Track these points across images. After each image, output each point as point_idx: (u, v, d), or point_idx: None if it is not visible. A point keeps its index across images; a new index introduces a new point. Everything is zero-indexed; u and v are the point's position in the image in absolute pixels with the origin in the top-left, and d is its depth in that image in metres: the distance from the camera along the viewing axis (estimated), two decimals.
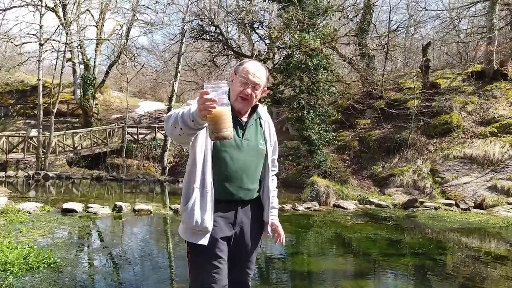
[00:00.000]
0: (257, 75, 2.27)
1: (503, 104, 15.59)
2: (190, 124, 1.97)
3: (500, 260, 6.09)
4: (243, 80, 2.25)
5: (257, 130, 2.38)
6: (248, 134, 2.32)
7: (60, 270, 4.53)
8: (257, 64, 2.33)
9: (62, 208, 8.09)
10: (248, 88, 2.25)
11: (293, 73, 14.43)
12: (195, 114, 1.93)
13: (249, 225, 2.36)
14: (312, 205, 10.16)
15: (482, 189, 11.76)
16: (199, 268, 2.22)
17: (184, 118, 1.97)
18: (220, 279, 2.20)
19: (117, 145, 21.00)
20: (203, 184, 2.19)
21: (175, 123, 2.01)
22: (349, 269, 5.50)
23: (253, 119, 2.37)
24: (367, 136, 16.64)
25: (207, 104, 1.84)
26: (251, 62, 2.33)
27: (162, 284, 4.42)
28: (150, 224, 7.98)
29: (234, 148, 2.25)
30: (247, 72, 2.26)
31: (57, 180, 15.58)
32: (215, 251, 2.21)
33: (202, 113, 1.89)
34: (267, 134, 2.42)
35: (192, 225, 2.18)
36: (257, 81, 2.26)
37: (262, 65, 2.36)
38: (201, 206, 2.18)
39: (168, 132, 2.14)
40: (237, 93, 2.26)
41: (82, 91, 24.44)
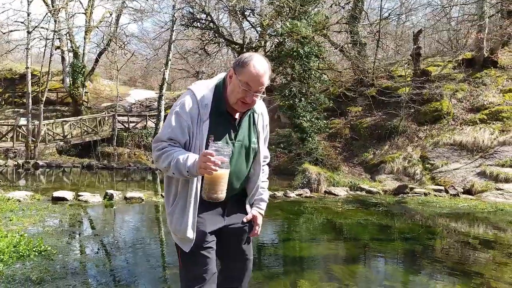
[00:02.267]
0: (262, 80, 2.03)
1: (492, 91, 15.70)
2: (184, 173, 1.97)
3: (488, 245, 6.18)
4: (246, 87, 2.02)
5: (249, 127, 2.24)
6: (240, 134, 2.19)
7: (51, 257, 4.52)
8: (261, 65, 2.04)
9: (53, 196, 8.04)
10: (250, 95, 2.04)
11: (284, 61, 14.41)
12: (191, 169, 1.92)
13: (239, 213, 2.32)
14: (303, 192, 10.22)
15: (471, 175, 11.90)
16: (188, 260, 2.19)
17: (179, 167, 1.95)
18: (209, 268, 2.18)
19: (107, 133, 20.86)
20: (187, 192, 2.10)
21: (168, 167, 2.00)
22: (340, 254, 5.55)
23: (246, 116, 2.21)
24: (358, 124, 16.71)
25: (209, 166, 1.84)
26: (255, 62, 2.03)
27: (154, 271, 4.43)
28: (142, 212, 7.97)
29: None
30: (251, 80, 2.01)
31: (47, 169, 15.46)
32: (203, 243, 2.17)
33: (201, 171, 1.90)
34: (260, 127, 2.28)
35: (174, 232, 2.16)
36: (261, 89, 2.06)
37: (266, 63, 2.08)
38: (184, 214, 2.10)
39: (158, 166, 2.11)
40: (237, 97, 2.06)
41: (71, 79, 24.16)
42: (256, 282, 4.02)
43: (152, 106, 26.10)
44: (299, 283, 4.11)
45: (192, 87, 2.15)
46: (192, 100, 2.07)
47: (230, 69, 2.10)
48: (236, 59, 2.12)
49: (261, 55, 2.10)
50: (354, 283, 4.25)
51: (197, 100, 2.07)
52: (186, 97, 2.10)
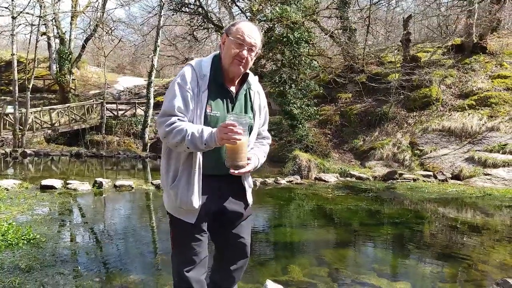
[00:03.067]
0: (253, 35, 2.13)
1: (481, 77, 15.79)
2: (201, 147, 1.98)
3: (476, 229, 6.27)
4: (239, 42, 2.11)
5: (246, 103, 2.27)
6: (237, 107, 2.22)
7: (40, 246, 4.48)
8: (251, 24, 2.18)
9: (41, 184, 7.96)
10: (244, 50, 2.11)
11: (274, 47, 14.30)
12: (209, 141, 1.94)
13: (237, 197, 2.31)
14: (294, 179, 10.25)
15: (460, 160, 12.02)
16: (181, 241, 2.21)
17: (195, 141, 1.96)
18: (200, 251, 2.21)
19: (96, 121, 20.65)
20: (191, 163, 2.12)
21: (181, 142, 1.99)
22: (330, 239, 5.59)
23: (243, 90, 2.25)
24: (348, 110, 16.73)
25: (232, 136, 1.88)
26: (245, 22, 2.19)
27: (145, 257, 4.42)
28: (132, 199, 7.93)
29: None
30: (243, 32, 2.11)
31: (35, 157, 15.29)
32: (197, 225, 2.18)
33: (223, 142, 1.92)
34: (256, 106, 2.30)
35: (180, 205, 2.14)
36: (253, 42, 2.13)
37: (256, 25, 2.22)
38: (189, 186, 2.11)
39: (169, 143, 2.08)
40: (232, 56, 2.12)
41: (58, 66, 23.78)
42: (247, 268, 4.02)
43: (141, 94, 25.89)
44: (290, 268, 4.13)
45: (191, 61, 2.22)
46: (192, 71, 2.13)
47: (222, 36, 2.19)
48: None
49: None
50: (344, 267, 4.29)
51: (196, 71, 2.13)
52: (186, 69, 2.15)
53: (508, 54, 16.96)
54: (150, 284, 3.64)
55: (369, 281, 3.84)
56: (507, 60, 16.47)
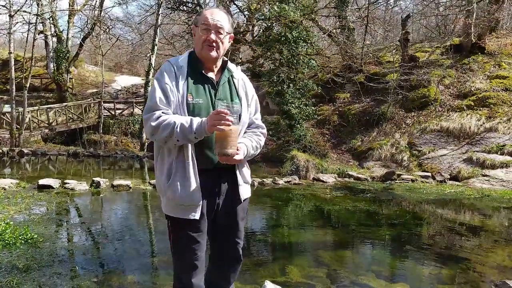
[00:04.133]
0: (217, 18, 2.15)
1: (480, 77, 15.81)
2: (191, 137, 1.98)
3: (474, 230, 6.27)
4: (204, 27, 2.15)
5: (231, 89, 2.26)
6: (221, 93, 2.20)
7: (38, 245, 4.45)
8: (215, 9, 2.24)
9: (38, 184, 7.93)
10: (212, 33, 2.14)
11: (272, 46, 14.29)
12: (199, 129, 1.95)
13: (230, 193, 2.26)
14: (292, 179, 10.23)
15: (458, 161, 12.03)
16: (181, 245, 2.19)
17: (184, 132, 1.97)
18: (201, 255, 2.21)
19: (93, 120, 20.58)
20: (183, 155, 2.08)
21: (169, 135, 1.99)
22: (328, 240, 5.58)
23: (224, 77, 2.25)
24: (346, 110, 16.72)
25: (222, 122, 1.90)
26: (209, 8, 2.25)
27: (142, 258, 4.40)
28: (130, 199, 7.91)
29: (209, 110, 2.11)
30: (206, 18, 2.15)
31: (32, 157, 15.24)
32: (195, 226, 2.16)
33: (213, 129, 1.92)
34: (241, 93, 2.28)
35: (180, 201, 2.10)
36: (219, 24, 2.15)
37: (222, 9, 2.27)
38: (186, 180, 2.07)
39: (157, 139, 2.07)
40: (201, 42, 2.16)
41: (55, 65, 23.67)
42: (245, 269, 4.01)
43: (138, 93, 25.79)
44: (288, 269, 4.12)
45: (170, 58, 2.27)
46: (168, 65, 2.17)
47: (192, 29, 2.26)
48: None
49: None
50: (342, 268, 4.28)
51: (172, 64, 2.18)
52: (163, 65, 2.21)
53: (507, 54, 16.98)
54: (148, 285, 3.62)
55: (367, 283, 3.84)
56: (505, 61, 16.49)
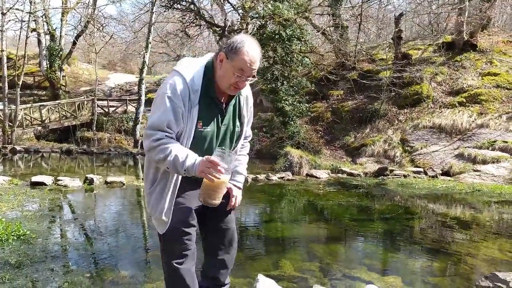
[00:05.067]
0: (255, 65, 2.01)
1: (471, 74, 15.93)
2: (181, 172, 1.96)
3: (466, 225, 6.34)
4: (240, 73, 1.99)
5: (234, 111, 2.21)
6: (226, 118, 2.17)
7: (30, 242, 4.45)
8: (254, 50, 2.00)
9: (31, 181, 7.90)
10: (244, 80, 2.02)
11: (266, 44, 14.30)
12: (190, 169, 1.91)
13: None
14: (285, 175, 10.27)
15: (450, 157, 12.13)
16: (169, 237, 2.19)
17: (176, 165, 1.93)
18: (190, 244, 2.21)
19: (87, 118, 20.51)
20: (168, 177, 2.12)
21: (162, 160, 1.97)
22: (321, 234, 5.61)
23: (232, 100, 2.19)
24: (340, 107, 16.79)
25: (212, 173, 1.86)
26: (248, 48, 1.99)
27: (136, 253, 4.40)
28: (123, 196, 7.90)
29: (212, 137, 2.13)
30: (245, 63, 1.98)
31: (25, 154, 15.17)
32: (187, 219, 2.18)
33: (202, 175, 1.90)
34: (244, 111, 2.25)
35: (150, 212, 2.18)
36: (254, 72, 2.04)
37: (258, 46, 2.05)
38: (160, 199, 2.12)
39: (151, 158, 2.06)
40: (230, 83, 2.02)
41: (48, 62, 23.54)
42: (239, 263, 4.03)
43: (132, 90, 25.73)
44: (281, 263, 4.14)
45: (180, 69, 2.07)
46: (183, 84, 2.01)
47: (220, 53, 2.03)
48: (227, 42, 2.04)
49: (252, 38, 2.05)
50: (335, 262, 4.31)
51: (188, 84, 2.01)
52: (177, 80, 2.02)
53: (498, 52, 17.13)
54: (141, 280, 3.63)
55: (359, 275, 3.87)
56: (497, 58, 16.63)
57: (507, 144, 11.70)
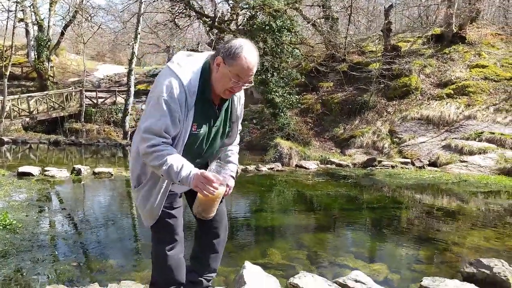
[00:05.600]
0: (253, 71, 1.98)
1: (460, 66, 16.05)
2: (175, 181, 1.94)
3: (452, 214, 6.43)
4: (236, 79, 1.95)
5: (227, 111, 2.18)
6: (219, 120, 2.14)
7: (17, 231, 4.42)
8: (252, 56, 1.96)
9: (18, 171, 7.82)
10: (241, 85, 1.99)
11: (256, 35, 14.26)
12: (184, 180, 1.89)
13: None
14: (275, 166, 10.30)
15: (437, 148, 12.26)
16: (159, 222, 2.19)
17: (171, 174, 1.91)
18: (178, 228, 2.22)
19: (75, 109, 20.31)
20: (158, 179, 2.11)
21: (158, 168, 1.94)
22: (310, 224, 5.66)
23: (226, 101, 2.15)
24: (329, 99, 16.82)
25: (207, 188, 1.84)
26: (246, 53, 1.94)
27: (125, 243, 4.41)
28: (111, 186, 7.87)
29: (204, 138, 2.12)
30: (243, 70, 1.94)
31: (13, 145, 15.00)
32: (173, 204, 2.20)
33: (196, 189, 1.89)
34: (236, 111, 2.24)
35: (139, 208, 2.19)
36: (251, 79, 2.00)
37: (256, 51, 2.00)
38: (149, 198, 2.13)
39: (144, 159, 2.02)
40: (226, 87, 1.99)
41: (36, 53, 23.20)
42: (227, 252, 4.04)
43: (121, 82, 25.49)
44: (269, 251, 4.17)
45: (177, 69, 2.00)
46: (180, 88, 1.95)
47: (217, 57, 1.97)
48: (224, 46, 1.98)
49: (251, 44, 2.00)
50: (323, 250, 4.36)
51: (184, 87, 1.96)
52: (173, 82, 1.95)
53: (487, 44, 17.26)
54: (129, 269, 3.63)
55: (346, 263, 3.91)
56: (485, 50, 16.76)
57: (494, 135, 11.85)
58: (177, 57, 2.09)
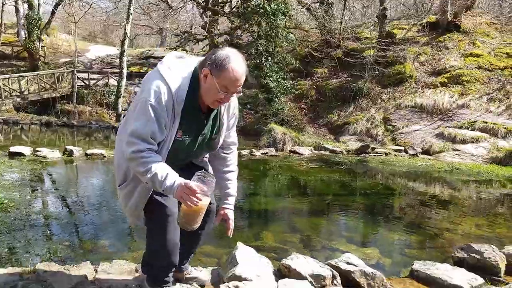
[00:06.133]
0: (240, 82, 1.94)
1: (454, 55, 16.06)
2: (159, 190, 1.91)
3: (444, 202, 6.48)
4: (224, 89, 1.92)
5: (215, 119, 2.14)
6: (206, 128, 2.11)
7: (8, 210, 4.37)
8: (240, 67, 1.92)
9: (9, 151, 7.72)
10: (229, 96, 1.97)
11: (250, 18, 14.12)
12: (168, 189, 1.86)
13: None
14: (269, 151, 10.29)
15: (430, 136, 12.32)
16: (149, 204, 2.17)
17: (155, 182, 1.88)
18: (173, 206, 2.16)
19: (67, 90, 20.07)
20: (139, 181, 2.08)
21: (142, 174, 1.91)
22: (303, 208, 5.67)
23: (214, 110, 2.12)
24: (324, 85, 16.79)
25: (190, 199, 1.81)
26: (234, 65, 1.91)
27: (117, 224, 4.38)
28: (104, 167, 7.82)
29: (190, 145, 2.10)
30: (231, 83, 1.91)
31: (4, 126, 14.83)
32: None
33: (179, 200, 1.86)
34: (224, 118, 2.17)
35: (121, 205, 2.21)
36: (239, 90, 1.98)
37: (243, 61, 1.96)
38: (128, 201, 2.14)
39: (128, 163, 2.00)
40: (214, 98, 1.96)
41: (26, 32, 22.80)
42: (220, 235, 4.04)
43: (114, 63, 25.17)
44: (262, 234, 4.18)
45: (166, 74, 1.96)
46: (168, 95, 1.92)
47: (204, 69, 1.93)
48: (211, 57, 1.94)
49: (237, 53, 1.96)
50: (316, 234, 4.37)
51: (173, 93, 1.93)
52: (162, 88, 1.92)
53: (481, 33, 17.26)
54: (121, 249, 3.61)
55: (338, 247, 3.93)
56: (480, 39, 16.76)
57: (487, 124, 11.92)
58: (167, 59, 2.05)
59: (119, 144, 2.15)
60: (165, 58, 2.07)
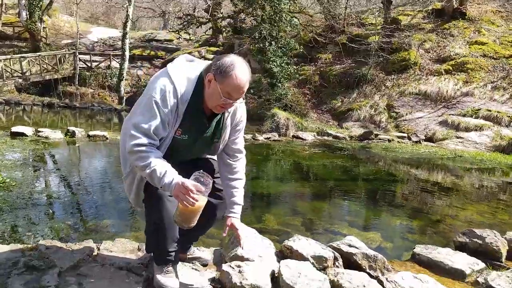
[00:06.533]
0: (243, 89, 1.95)
1: (459, 42, 15.88)
2: (157, 186, 1.93)
3: (446, 188, 6.47)
4: (227, 96, 1.93)
5: (219, 123, 2.14)
6: (208, 131, 2.12)
7: (10, 189, 4.38)
8: (243, 74, 1.93)
9: (11, 131, 7.72)
10: (232, 102, 1.98)
11: (254, 1, 13.96)
12: (166, 187, 1.87)
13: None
14: (272, 136, 10.27)
15: (434, 123, 12.27)
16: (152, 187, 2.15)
17: (153, 179, 1.90)
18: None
19: (69, 72, 19.98)
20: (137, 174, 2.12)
21: (141, 169, 1.93)
22: (305, 192, 5.67)
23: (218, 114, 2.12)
24: (328, 71, 16.67)
25: (187, 199, 1.80)
26: (237, 72, 1.91)
27: (119, 204, 4.38)
28: (106, 149, 7.81)
29: (190, 146, 2.11)
30: (235, 90, 1.93)
31: (6, 106, 14.80)
32: None
33: (177, 199, 1.85)
34: (228, 121, 2.17)
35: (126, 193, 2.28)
36: (242, 96, 1.99)
37: (248, 69, 1.97)
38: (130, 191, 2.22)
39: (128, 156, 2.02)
40: (217, 103, 1.98)
41: (28, 12, 22.60)
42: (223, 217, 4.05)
43: (116, 46, 24.98)
44: (264, 217, 4.18)
45: (174, 74, 2.00)
46: (173, 94, 1.96)
47: (209, 74, 1.95)
48: (216, 62, 1.95)
49: (242, 61, 1.96)
50: (318, 218, 4.37)
51: (177, 93, 1.97)
52: (168, 87, 1.96)
53: (487, 21, 17.05)
54: (123, 229, 3.62)
55: (340, 230, 3.94)
56: (485, 27, 16.57)
57: (491, 112, 11.85)
58: (177, 61, 2.09)
59: (123, 137, 2.17)
60: (176, 59, 2.11)
